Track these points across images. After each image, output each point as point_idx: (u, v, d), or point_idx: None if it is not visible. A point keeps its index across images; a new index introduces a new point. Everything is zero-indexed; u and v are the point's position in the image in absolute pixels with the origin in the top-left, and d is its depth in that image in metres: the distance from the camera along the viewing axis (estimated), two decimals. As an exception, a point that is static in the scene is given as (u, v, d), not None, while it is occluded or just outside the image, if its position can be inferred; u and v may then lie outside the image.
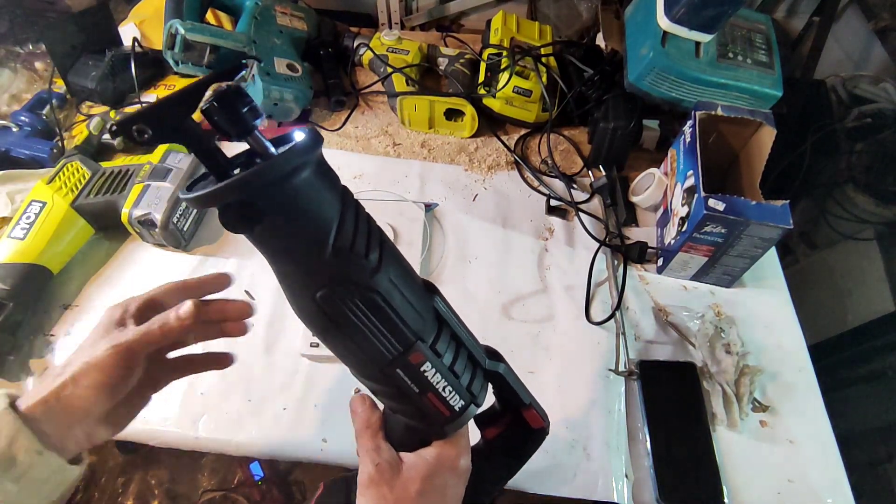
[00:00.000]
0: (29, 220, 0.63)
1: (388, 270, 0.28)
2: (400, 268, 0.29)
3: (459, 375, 0.32)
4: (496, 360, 0.36)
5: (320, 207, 0.26)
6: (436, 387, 0.31)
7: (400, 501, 0.32)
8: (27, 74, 0.87)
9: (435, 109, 0.82)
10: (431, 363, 0.30)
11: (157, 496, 1.13)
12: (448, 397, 0.32)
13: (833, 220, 1.03)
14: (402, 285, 0.29)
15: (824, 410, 0.60)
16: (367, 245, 0.27)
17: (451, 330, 0.32)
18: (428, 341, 0.30)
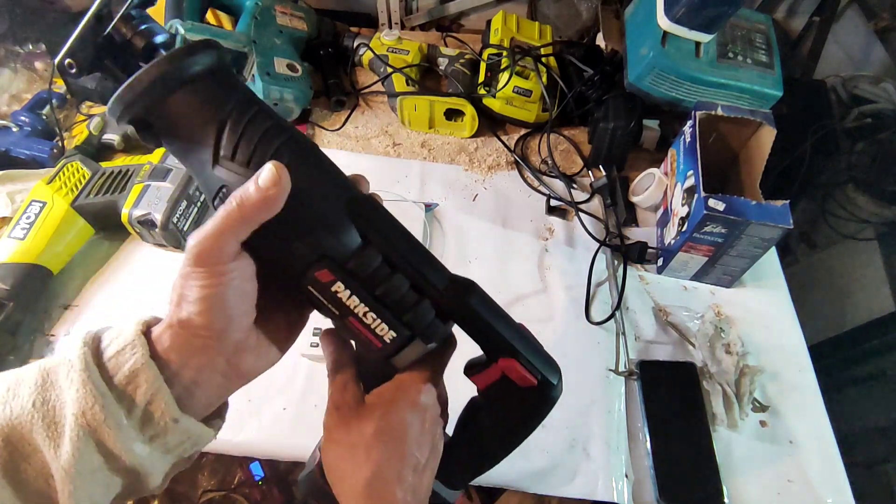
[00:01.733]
0: (29, 220, 0.63)
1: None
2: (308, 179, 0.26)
3: (388, 304, 0.28)
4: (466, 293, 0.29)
5: (194, 120, 0.26)
6: (355, 312, 0.28)
7: (356, 442, 0.30)
8: (27, 74, 0.87)
9: (435, 109, 0.82)
10: (345, 285, 0.27)
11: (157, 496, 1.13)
12: (374, 326, 0.28)
13: (833, 220, 1.03)
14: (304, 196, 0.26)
15: (824, 410, 0.60)
16: (251, 154, 0.26)
17: (381, 250, 0.28)
18: (339, 258, 0.27)
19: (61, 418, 0.24)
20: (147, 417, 0.26)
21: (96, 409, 0.24)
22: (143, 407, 0.26)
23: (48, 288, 0.64)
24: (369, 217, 0.28)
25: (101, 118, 0.77)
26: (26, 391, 0.25)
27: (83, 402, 0.24)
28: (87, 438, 0.25)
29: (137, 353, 0.26)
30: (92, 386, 0.25)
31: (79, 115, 0.82)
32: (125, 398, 0.25)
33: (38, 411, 0.24)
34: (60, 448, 0.24)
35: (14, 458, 0.24)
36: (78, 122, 0.81)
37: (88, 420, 0.24)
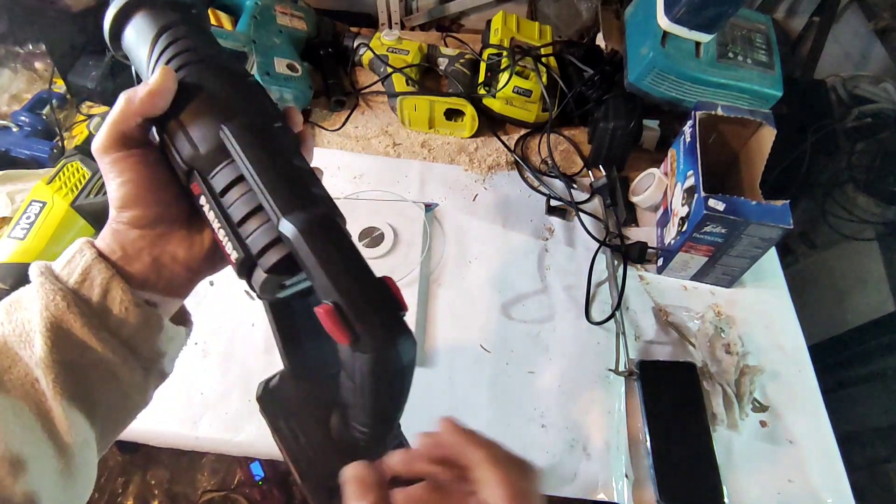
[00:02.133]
0: (29, 220, 0.63)
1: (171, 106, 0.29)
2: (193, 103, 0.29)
3: (234, 222, 0.28)
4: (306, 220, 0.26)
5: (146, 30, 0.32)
6: (214, 227, 0.29)
7: None
8: (27, 74, 0.87)
9: (435, 109, 0.82)
10: (205, 199, 0.29)
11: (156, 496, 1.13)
12: (224, 241, 0.28)
13: (833, 220, 1.03)
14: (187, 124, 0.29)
15: (824, 410, 0.60)
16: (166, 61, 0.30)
17: (237, 169, 0.28)
18: (206, 174, 0.29)
19: (31, 326, 0.26)
20: (107, 309, 0.28)
21: (57, 299, 0.26)
22: (101, 298, 0.28)
23: (48, 288, 0.64)
24: (232, 137, 0.28)
25: (101, 118, 0.77)
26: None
27: (45, 298, 0.26)
28: (55, 328, 0.26)
29: (86, 255, 0.28)
30: (49, 284, 0.27)
31: (79, 115, 0.82)
32: (81, 295, 0.27)
33: (7, 327, 0.26)
34: (35, 346, 0.26)
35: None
36: (78, 122, 0.81)
37: (52, 312, 0.26)
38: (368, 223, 0.70)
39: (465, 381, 0.61)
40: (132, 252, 0.29)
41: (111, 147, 0.29)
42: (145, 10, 0.32)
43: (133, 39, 0.32)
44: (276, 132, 0.30)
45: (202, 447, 0.56)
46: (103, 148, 0.29)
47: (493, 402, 0.59)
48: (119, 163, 0.29)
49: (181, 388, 0.58)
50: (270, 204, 0.27)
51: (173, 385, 0.40)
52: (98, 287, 0.28)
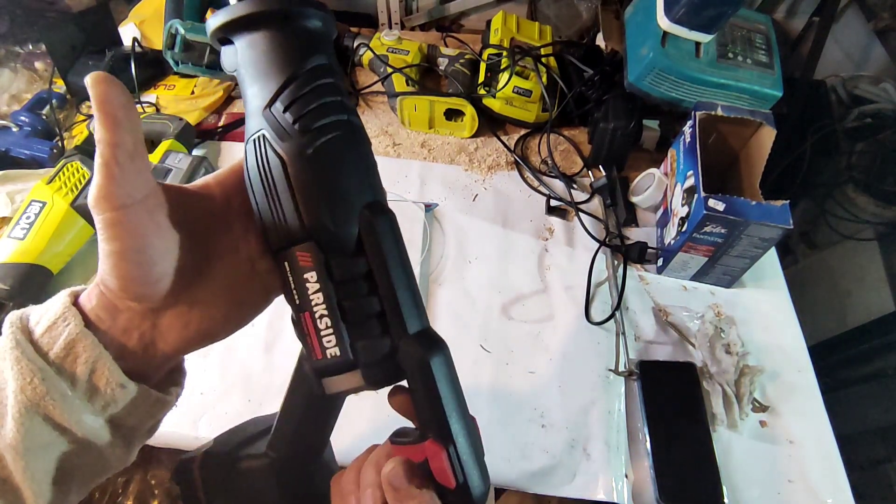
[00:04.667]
0: (29, 220, 0.63)
1: (314, 146, 0.25)
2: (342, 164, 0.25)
3: (349, 320, 0.26)
4: (431, 349, 0.26)
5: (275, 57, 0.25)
6: (314, 310, 0.26)
7: None
8: (27, 74, 0.87)
9: (435, 109, 0.82)
10: (317, 277, 0.25)
11: (157, 496, 1.13)
12: (323, 333, 0.26)
13: (833, 221, 1.03)
14: (325, 173, 0.25)
15: (824, 410, 0.60)
16: (302, 114, 0.25)
17: (370, 266, 0.26)
18: (326, 250, 0.25)
19: (3, 398, 0.24)
20: (93, 388, 0.25)
21: (35, 382, 0.23)
22: (87, 377, 0.25)
23: (48, 288, 0.64)
24: (377, 230, 0.26)
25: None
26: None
27: (20, 378, 0.23)
28: (30, 414, 0.23)
29: (70, 323, 0.24)
30: (27, 361, 0.23)
31: (79, 115, 0.82)
32: (65, 371, 0.24)
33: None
34: (4, 427, 0.23)
35: None
36: (78, 122, 0.81)
37: (29, 396, 0.23)
38: (368, 223, 0.70)
39: (465, 381, 0.61)
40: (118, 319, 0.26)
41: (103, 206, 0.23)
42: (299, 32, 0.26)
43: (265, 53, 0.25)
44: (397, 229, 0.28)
45: (202, 447, 0.56)
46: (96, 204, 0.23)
47: (493, 402, 0.59)
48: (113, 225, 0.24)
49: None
50: (399, 317, 0.26)
51: (173, 385, 0.40)
52: (83, 365, 0.24)
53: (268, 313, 0.34)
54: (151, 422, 0.29)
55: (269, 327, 0.63)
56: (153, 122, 0.77)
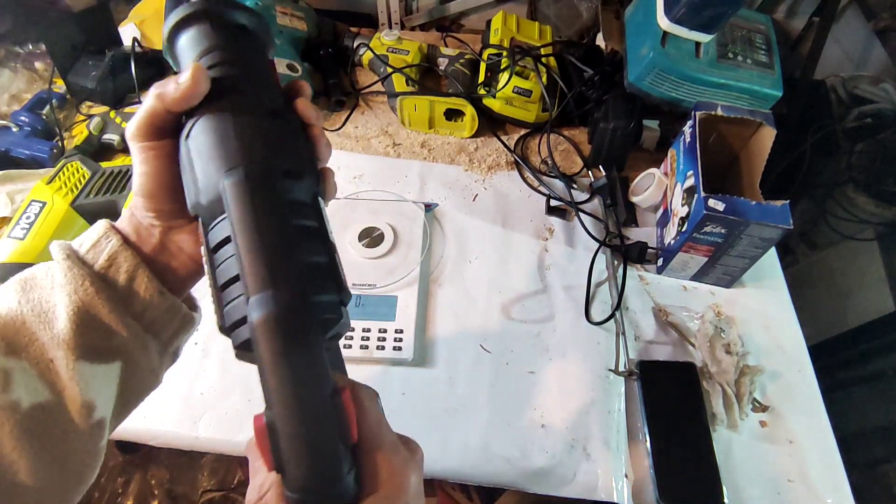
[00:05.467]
0: (29, 220, 0.63)
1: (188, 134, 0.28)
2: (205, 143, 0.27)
3: (218, 284, 0.26)
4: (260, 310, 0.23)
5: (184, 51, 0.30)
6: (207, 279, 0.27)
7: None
8: (27, 74, 0.87)
9: (435, 109, 0.82)
10: (204, 249, 0.27)
11: (156, 496, 1.13)
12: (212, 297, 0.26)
13: (833, 221, 1.03)
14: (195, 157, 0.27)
15: (824, 410, 0.60)
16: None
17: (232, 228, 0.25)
18: (206, 225, 0.27)
19: (50, 307, 0.27)
20: (133, 293, 0.29)
21: (86, 284, 0.27)
22: (127, 284, 0.28)
23: (48, 288, 0.64)
24: (226, 193, 0.25)
25: (101, 118, 0.77)
26: (9, 295, 0.27)
27: (74, 283, 0.27)
28: (83, 313, 0.27)
29: (112, 240, 0.29)
30: (77, 269, 0.27)
31: (79, 115, 0.82)
32: (108, 279, 0.28)
33: (25, 307, 0.27)
34: (56, 327, 0.26)
35: (14, 348, 0.26)
36: (78, 122, 0.81)
37: (81, 296, 0.27)
38: (368, 223, 0.70)
39: (465, 381, 0.61)
40: (144, 236, 0.30)
41: (140, 135, 0.28)
42: (204, 25, 0.29)
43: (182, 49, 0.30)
44: (287, 187, 0.26)
45: (202, 447, 0.56)
46: (132, 135, 0.29)
47: (493, 402, 0.59)
48: (143, 152, 0.29)
49: (181, 388, 0.58)
50: (244, 277, 0.24)
51: (173, 385, 0.40)
52: (124, 273, 0.28)
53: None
54: (178, 341, 0.32)
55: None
56: (153, 122, 0.77)
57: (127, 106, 0.84)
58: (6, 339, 0.26)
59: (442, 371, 0.62)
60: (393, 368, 0.61)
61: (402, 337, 0.61)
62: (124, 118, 0.77)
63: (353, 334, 0.61)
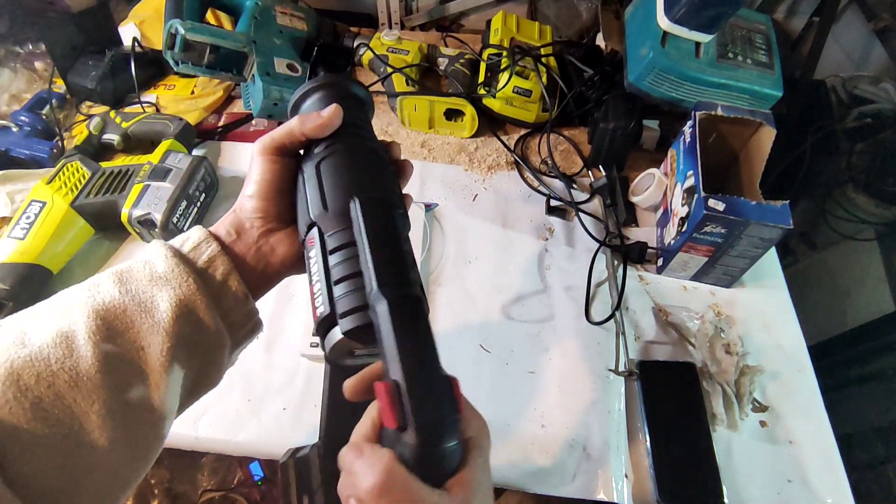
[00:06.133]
0: (29, 220, 0.63)
1: (321, 160, 0.34)
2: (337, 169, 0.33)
3: (332, 279, 0.30)
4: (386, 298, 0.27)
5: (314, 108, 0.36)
6: (313, 277, 0.31)
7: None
8: (27, 74, 0.87)
9: (435, 109, 0.82)
10: (317, 251, 0.31)
11: (156, 496, 1.13)
12: (316, 295, 0.31)
13: (833, 221, 1.03)
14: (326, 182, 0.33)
15: (824, 410, 0.60)
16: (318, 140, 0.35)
17: (353, 239, 0.31)
18: (323, 232, 0.32)
19: (148, 298, 0.30)
20: (225, 293, 0.32)
21: (190, 281, 0.31)
22: (222, 284, 0.32)
23: (48, 288, 0.64)
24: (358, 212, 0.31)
25: (101, 118, 0.77)
26: (108, 285, 0.30)
27: (179, 278, 0.30)
28: (183, 306, 0.30)
29: (212, 245, 0.33)
30: (184, 265, 0.31)
31: (79, 115, 0.82)
32: (207, 276, 0.32)
33: (125, 296, 0.30)
34: (156, 316, 0.29)
35: (110, 335, 0.28)
36: (78, 122, 0.81)
37: (184, 290, 0.30)
38: (368, 223, 0.70)
39: (465, 381, 0.60)
40: (243, 236, 0.34)
41: (270, 150, 0.34)
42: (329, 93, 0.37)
43: (310, 105, 0.37)
44: (397, 217, 0.33)
45: (202, 447, 0.56)
46: (265, 147, 0.34)
47: (493, 402, 0.59)
48: (269, 163, 0.34)
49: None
50: (371, 273, 0.29)
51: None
52: (220, 276, 0.32)
53: (268, 314, 0.34)
54: (244, 344, 0.35)
55: (269, 326, 0.63)
56: (153, 122, 0.77)
57: (127, 106, 0.84)
58: (107, 324, 0.29)
59: (442, 371, 0.61)
60: (393, 368, 0.61)
61: (402, 337, 0.61)
62: (124, 118, 0.77)
63: (353, 334, 0.61)
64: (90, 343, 0.28)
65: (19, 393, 0.25)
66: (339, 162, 0.34)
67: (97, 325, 0.28)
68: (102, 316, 0.29)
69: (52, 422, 0.26)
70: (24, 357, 0.26)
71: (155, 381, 0.29)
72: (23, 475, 0.24)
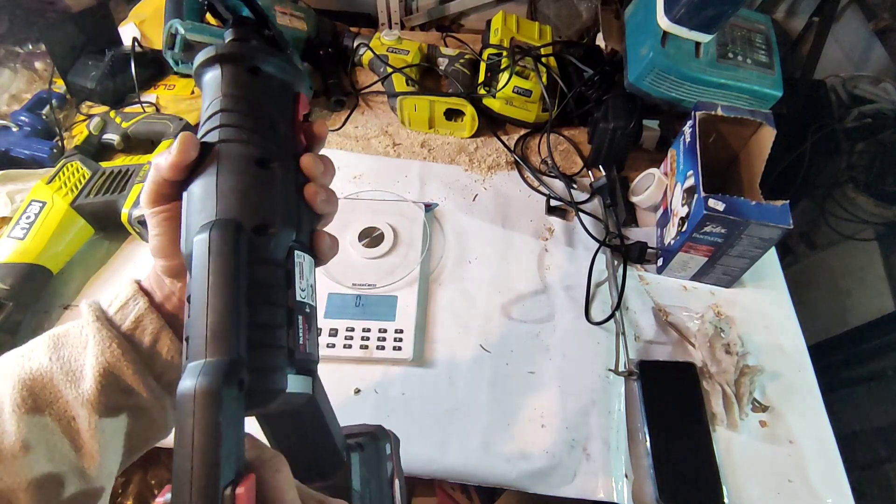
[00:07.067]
0: (29, 220, 0.63)
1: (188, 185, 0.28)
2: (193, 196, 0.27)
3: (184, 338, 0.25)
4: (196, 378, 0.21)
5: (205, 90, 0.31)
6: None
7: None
8: (27, 74, 0.87)
9: (435, 109, 0.82)
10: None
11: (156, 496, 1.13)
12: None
13: (833, 221, 1.03)
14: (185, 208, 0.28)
15: (824, 410, 0.60)
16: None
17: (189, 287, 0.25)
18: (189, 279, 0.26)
19: (78, 366, 0.29)
20: (156, 354, 0.30)
21: (113, 346, 0.29)
22: (152, 345, 0.30)
23: (48, 288, 0.64)
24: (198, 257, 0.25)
25: (101, 118, 0.77)
26: (41, 351, 0.29)
27: (101, 344, 0.29)
28: (108, 374, 0.29)
29: (139, 303, 0.31)
30: (106, 331, 0.29)
31: (79, 115, 0.82)
32: (135, 339, 0.30)
33: (55, 364, 0.29)
34: (81, 386, 0.28)
35: (38, 405, 0.28)
36: (78, 122, 0.81)
37: (107, 358, 0.29)
38: (368, 223, 0.70)
39: (465, 381, 0.61)
40: (167, 294, 0.32)
41: (150, 202, 0.30)
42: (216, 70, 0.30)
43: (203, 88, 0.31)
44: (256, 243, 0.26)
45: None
46: (144, 202, 0.30)
47: (493, 402, 0.59)
48: (154, 216, 0.30)
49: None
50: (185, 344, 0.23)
51: (173, 385, 0.40)
52: (149, 335, 0.30)
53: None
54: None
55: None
56: (153, 122, 0.77)
57: (127, 106, 0.84)
58: (33, 395, 0.28)
59: (442, 371, 0.61)
60: (393, 368, 0.61)
61: (402, 337, 0.61)
62: (124, 118, 0.77)
63: (353, 334, 0.61)
64: (14, 417, 0.27)
65: None
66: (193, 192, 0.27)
67: (22, 398, 0.27)
68: (29, 387, 0.28)
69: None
70: None
71: (89, 451, 0.28)
72: None
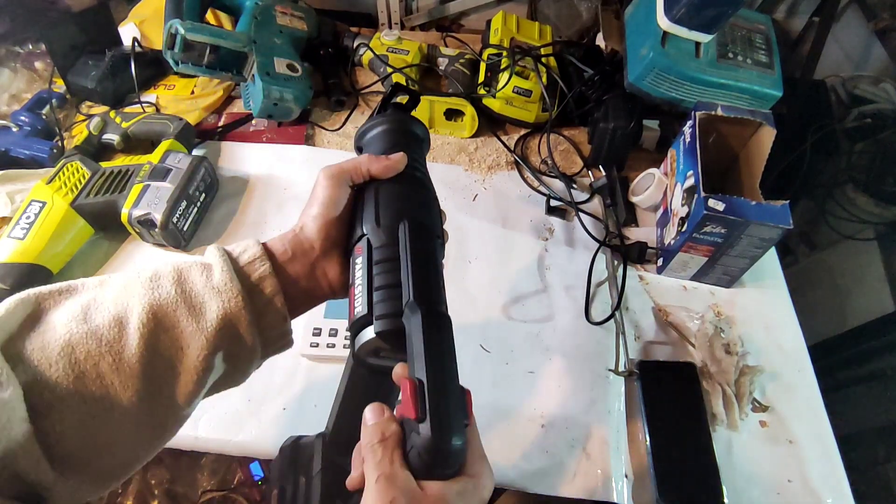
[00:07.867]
0: (29, 220, 0.63)
1: (380, 185, 0.38)
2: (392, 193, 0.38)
3: (374, 285, 0.34)
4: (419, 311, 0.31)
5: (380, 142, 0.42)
6: (356, 281, 0.34)
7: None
8: (27, 74, 0.87)
9: (435, 109, 0.82)
10: (363, 259, 0.35)
11: (156, 496, 1.13)
12: (356, 296, 0.34)
13: (833, 221, 1.03)
14: (382, 203, 0.37)
15: (824, 410, 0.60)
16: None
17: (397, 255, 0.34)
18: (371, 245, 0.35)
19: (198, 303, 0.32)
20: (266, 313, 0.34)
21: (239, 298, 0.33)
22: (265, 305, 0.34)
23: (48, 288, 0.64)
24: (405, 232, 0.35)
25: (101, 118, 0.77)
26: (167, 282, 0.33)
27: (229, 292, 0.33)
28: (226, 319, 0.32)
29: (266, 264, 0.35)
30: (235, 281, 0.33)
31: (79, 115, 0.82)
32: (256, 293, 0.34)
33: (180, 297, 0.32)
34: (202, 321, 0.32)
35: (157, 329, 0.31)
36: (78, 122, 0.81)
37: (231, 306, 0.33)
38: (368, 223, 0.70)
39: (466, 381, 0.61)
40: (300, 256, 0.36)
41: (336, 177, 0.37)
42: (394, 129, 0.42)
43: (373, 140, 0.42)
44: (437, 244, 0.38)
45: (202, 447, 0.56)
46: (332, 174, 0.37)
47: (493, 403, 0.59)
48: (333, 187, 0.37)
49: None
50: (409, 286, 0.32)
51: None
52: (266, 296, 0.34)
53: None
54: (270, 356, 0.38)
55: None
56: (153, 122, 0.77)
57: (127, 106, 0.84)
58: (156, 320, 0.31)
59: (442, 371, 0.61)
60: (393, 368, 0.61)
61: (402, 337, 0.62)
62: (124, 118, 0.77)
63: (353, 334, 0.61)
64: (138, 334, 0.30)
65: (69, 365, 0.29)
66: (396, 188, 0.38)
67: (148, 319, 0.31)
68: (155, 311, 0.31)
69: (91, 396, 0.29)
70: (81, 333, 0.30)
71: (186, 380, 0.32)
72: (55, 432, 0.28)
